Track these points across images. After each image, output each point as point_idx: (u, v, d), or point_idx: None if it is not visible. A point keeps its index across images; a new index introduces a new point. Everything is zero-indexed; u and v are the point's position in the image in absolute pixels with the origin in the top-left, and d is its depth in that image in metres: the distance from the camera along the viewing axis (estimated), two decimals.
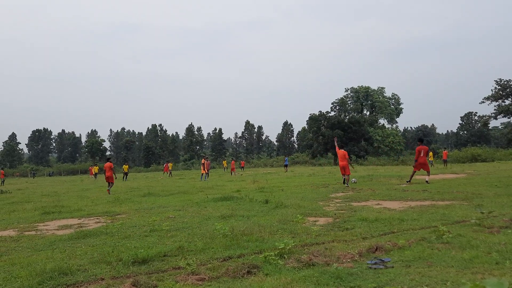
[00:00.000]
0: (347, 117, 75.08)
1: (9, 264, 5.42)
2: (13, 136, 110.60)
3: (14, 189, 27.60)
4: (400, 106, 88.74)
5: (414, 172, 16.37)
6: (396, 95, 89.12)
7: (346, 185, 16.02)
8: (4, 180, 41.16)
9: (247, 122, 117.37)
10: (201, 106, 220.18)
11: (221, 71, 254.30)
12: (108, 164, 20.07)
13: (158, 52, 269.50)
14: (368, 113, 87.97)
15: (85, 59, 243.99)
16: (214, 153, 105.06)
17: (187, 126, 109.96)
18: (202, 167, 29.69)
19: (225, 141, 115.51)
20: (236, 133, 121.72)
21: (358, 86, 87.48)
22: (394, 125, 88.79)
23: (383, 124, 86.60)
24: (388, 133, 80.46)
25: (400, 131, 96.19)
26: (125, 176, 37.73)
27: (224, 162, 56.78)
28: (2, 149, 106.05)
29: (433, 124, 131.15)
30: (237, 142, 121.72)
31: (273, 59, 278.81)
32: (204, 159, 30.34)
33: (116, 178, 20.60)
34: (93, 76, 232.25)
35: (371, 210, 8.93)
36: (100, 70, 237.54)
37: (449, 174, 21.83)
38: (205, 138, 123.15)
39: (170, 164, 44.13)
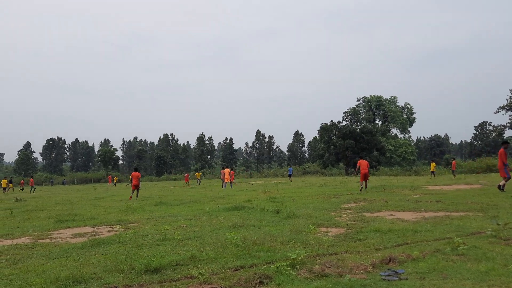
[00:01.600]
0: (359, 126, 74.81)
1: (24, 271, 5.49)
2: (28, 145, 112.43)
3: (29, 197, 27.98)
4: (413, 116, 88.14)
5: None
6: (409, 104, 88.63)
7: (361, 191, 17.85)
8: (23, 188, 41.80)
9: (258, 132, 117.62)
10: (212, 116, 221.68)
11: (233, 81, 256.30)
12: (135, 173, 21.40)
13: (170, 63, 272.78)
14: (380, 122, 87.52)
15: (98, 70, 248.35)
16: (224, 163, 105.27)
17: (198, 135, 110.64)
18: (223, 175, 29.85)
19: (235, 150, 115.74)
20: (247, 143, 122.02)
21: (370, 96, 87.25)
22: (407, 135, 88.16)
23: (396, 134, 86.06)
24: (400, 143, 79.89)
25: (412, 141, 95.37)
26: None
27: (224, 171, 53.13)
28: (17, 157, 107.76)
29: (446, 134, 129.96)
30: (248, 151, 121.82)
31: (285, 69, 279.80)
32: (228, 168, 30.72)
33: (140, 188, 21.70)
34: (106, 86, 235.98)
35: (384, 221, 8.84)
36: (113, 81, 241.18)
37: (464, 184, 21.52)
38: (216, 147, 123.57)
39: (198, 174, 46.07)
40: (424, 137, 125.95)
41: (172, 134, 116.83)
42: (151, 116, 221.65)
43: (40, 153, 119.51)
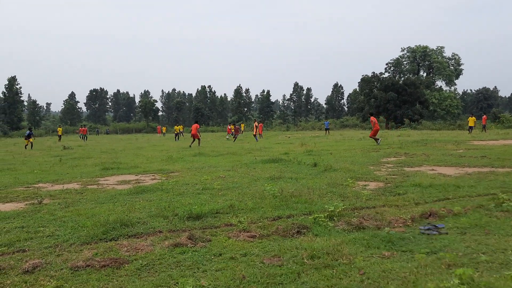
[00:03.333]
0: (402, 78, 71.82)
1: (75, 214, 5.88)
2: (72, 95, 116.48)
3: (75, 145, 29.44)
4: (460, 67, 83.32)
5: None
6: (457, 55, 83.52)
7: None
8: (86, 136, 43.55)
9: (296, 84, 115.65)
10: (249, 68, 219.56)
11: (271, 32, 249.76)
12: (195, 125, 24.72)
13: (208, 14, 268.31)
14: (424, 74, 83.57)
15: (138, 23, 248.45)
16: (261, 115, 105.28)
17: (235, 87, 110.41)
18: (255, 129, 30.33)
19: (273, 103, 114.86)
20: (284, 95, 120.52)
21: (416, 46, 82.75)
22: (453, 88, 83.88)
23: (441, 86, 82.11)
24: (445, 96, 76.34)
25: (458, 94, 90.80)
26: (176, 137, 39.01)
27: (242, 125, 50.76)
28: (63, 107, 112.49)
29: (495, 87, 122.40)
30: (285, 104, 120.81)
31: (324, 18, 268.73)
32: (257, 122, 31.16)
33: (200, 137, 24.63)
34: (146, 39, 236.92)
35: (424, 176, 8.66)
36: (152, 34, 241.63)
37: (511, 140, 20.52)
38: (253, 100, 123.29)
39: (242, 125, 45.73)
40: (471, 90, 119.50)
41: (209, 86, 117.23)
42: (189, 68, 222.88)
43: (84, 103, 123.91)
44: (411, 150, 15.51)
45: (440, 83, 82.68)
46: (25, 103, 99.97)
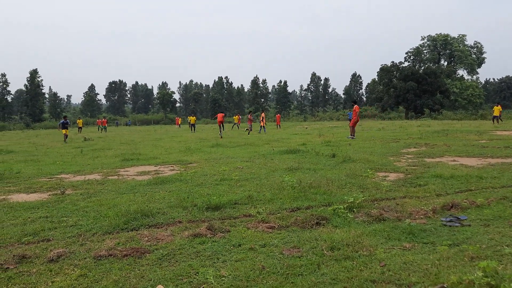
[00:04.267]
0: (422, 67, 70.37)
1: (97, 204, 5.99)
2: (92, 87, 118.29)
3: (96, 137, 29.95)
4: (483, 56, 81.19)
5: None
6: (479, 43, 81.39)
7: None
8: (106, 128, 44.17)
9: (313, 74, 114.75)
10: (266, 59, 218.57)
11: (287, 23, 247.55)
12: (221, 114, 28.47)
13: (225, 5, 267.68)
14: (445, 63, 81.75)
15: (155, 16, 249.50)
16: (279, 106, 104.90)
17: (252, 78, 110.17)
18: (262, 121, 30.11)
19: (290, 93, 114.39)
20: (301, 86, 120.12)
21: (436, 34, 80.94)
22: (474, 77, 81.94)
23: (462, 75, 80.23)
24: (467, 85, 74.60)
25: (480, 83, 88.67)
26: (192, 128, 39.13)
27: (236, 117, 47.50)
28: (83, 99, 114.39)
29: None
30: (302, 95, 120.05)
31: (342, 8, 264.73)
32: (264, 113, 31.32)
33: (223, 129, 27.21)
34: (163, 31, 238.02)
35: (446, 167, 8.50)
36: (170, 26, 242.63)
37: None
38: (269, 90, 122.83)
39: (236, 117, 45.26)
40: (494, 79, 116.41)
41: (226, 77, 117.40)
42: (206, 59, 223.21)
43: (103, 95, 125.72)
44: (432, 141, 15.25)
45: (461, 72, 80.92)
46: (47, 96, 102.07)
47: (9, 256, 3.81)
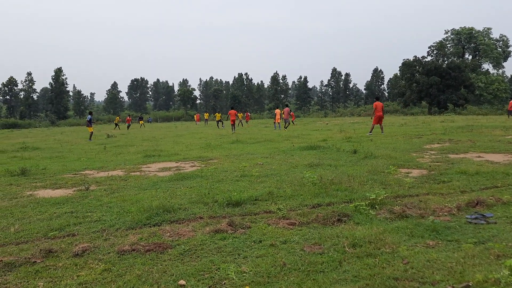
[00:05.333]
0: (446, 62, 68.73)
1: (120, 200, 6.10)
2: (115, 85, 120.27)
3: (118, 133, 30.48)
4: (509, 49, 78.63)
5: None
6: (505, 36, 78.80)
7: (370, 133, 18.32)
8: (129, 125, 44.79)
9: (334, 70, 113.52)
10: (286, 55, 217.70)
11: (308, 18, 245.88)
12: (233, 111, 29.17)
13: (245, 1, 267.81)
14: (470, 57, 79.59)
15: (177, 13, 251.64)
16: (299, 102, 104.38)
17: (272, 74, 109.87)
18: (278, 116, 29.37)
19: (310, 89, 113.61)
20: (322, 81, 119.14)
21: (460, 28, 78.80)
22: (500, 71, 79.50)
23: (487, 69, 77.99)
24: (492, 79, 72.49)
25: (507, 77, 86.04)
26: (219, 123, 39.45)
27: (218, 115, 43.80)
28: (106, 96, 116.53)
29: None
30: (323, 90, 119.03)
31: (363, 2, 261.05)
32: (279, 108, 31.42)
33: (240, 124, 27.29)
34: (184, 28, 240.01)
35: (470, 163, 8.30)
36: (191, 22, 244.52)
37: None
38: (289, 86, 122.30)
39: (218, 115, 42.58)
40: None
41: (246, 74, 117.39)
42: (226, 55, 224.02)
43: (125, 92, 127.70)
44: (456, 136, 14.91)
45: (487, 66, 78.63)
46: (71, 93, 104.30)
47: (36, 250, 3.92)
